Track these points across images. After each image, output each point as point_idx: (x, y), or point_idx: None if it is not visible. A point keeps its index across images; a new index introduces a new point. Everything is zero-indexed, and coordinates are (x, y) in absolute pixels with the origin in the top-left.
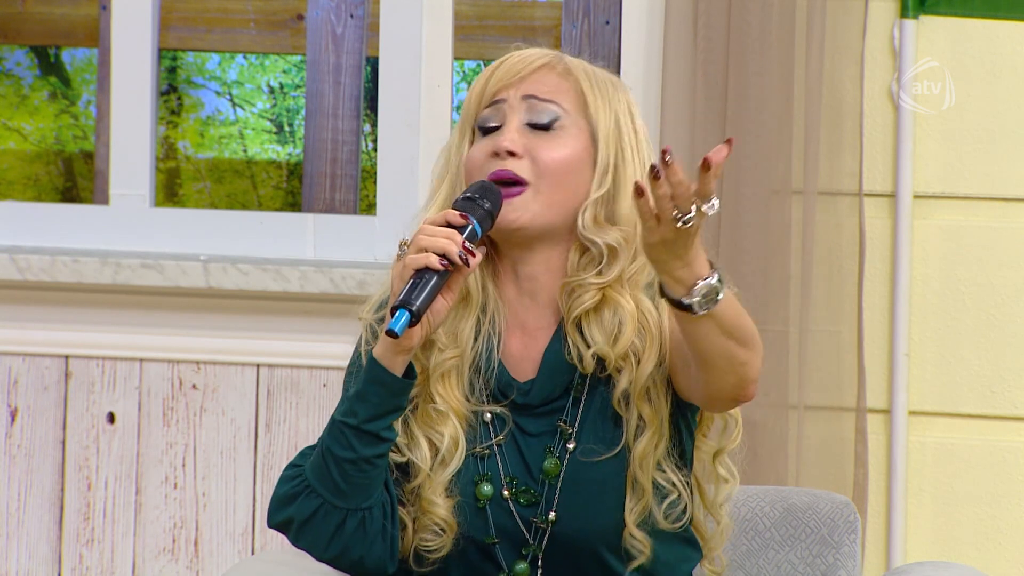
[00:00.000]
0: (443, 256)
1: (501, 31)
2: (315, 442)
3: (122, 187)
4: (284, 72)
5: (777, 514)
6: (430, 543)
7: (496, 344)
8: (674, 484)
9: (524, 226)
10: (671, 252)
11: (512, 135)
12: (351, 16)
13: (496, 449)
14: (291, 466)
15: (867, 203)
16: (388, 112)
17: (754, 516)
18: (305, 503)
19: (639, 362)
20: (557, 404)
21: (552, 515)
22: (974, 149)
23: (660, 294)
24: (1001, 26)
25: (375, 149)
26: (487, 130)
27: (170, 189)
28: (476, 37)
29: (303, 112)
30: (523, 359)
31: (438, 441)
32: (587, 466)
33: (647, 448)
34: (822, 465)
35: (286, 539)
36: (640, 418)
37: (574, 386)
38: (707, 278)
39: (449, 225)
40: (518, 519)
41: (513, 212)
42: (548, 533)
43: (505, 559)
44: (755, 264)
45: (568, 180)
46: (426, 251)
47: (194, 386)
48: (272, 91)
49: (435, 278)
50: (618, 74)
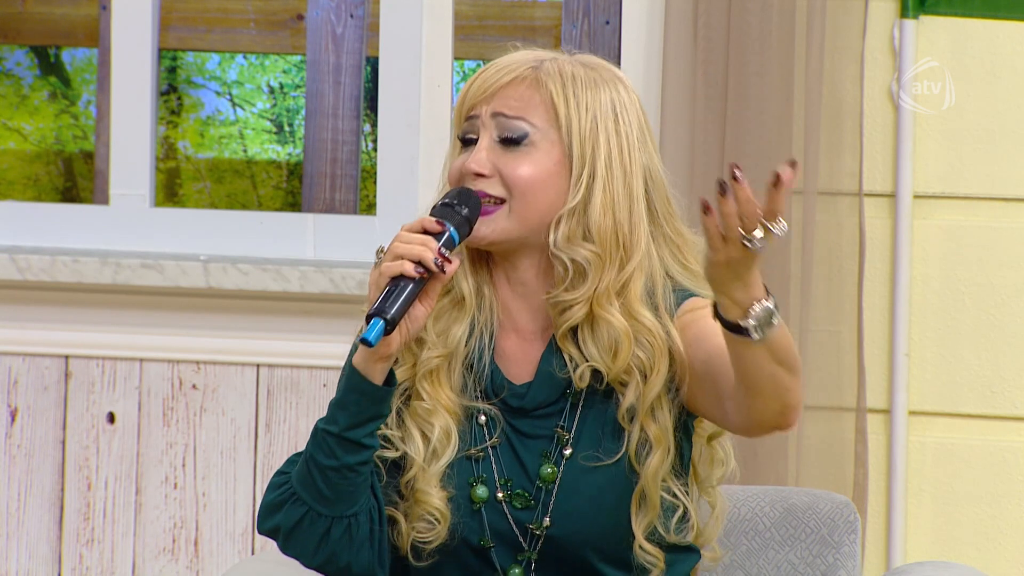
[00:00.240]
0: (418, 263)
1: (501, 31)
2: (303, 449)
3: (122, 187)
4: (284, 72)
5: (777, 514)
6: (424, 534)
7: (488, 342)
8: (676, 496)
9: (494, 242)
10: (733, 273)
11: (480, 155)
12: (351, 16)
13: (490, 451)
14: (279, 473)
15: (867, 203)
16: (388, 112)
17: (754, 516)
18: (291, 511)
19: (646, 378)
20: (554, 408)
21: (547, 521)
22: (974, 149)
23: (714, 315)
24: (1001, 26)
25: (375, 149)
26: (466, 142)
27: (170, 189)
28: (476, 37)
29: (303, 112)
30: (518, 360)
31: (430, 433)
32: (584, 474)
33: (657, 466)
34: (822, 465)
35: None
36: (643, 431)
37: (572, 392)
38: (764, 301)
39: (426, 232)
40: (512, 523)
41: (484, 228)
42: (543, 539)
43: (500, 562)
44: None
45: (540, 196)
46: (401, 258)
47: (194, 386)
48: (272, 91)
49: (411, 285)
50: None
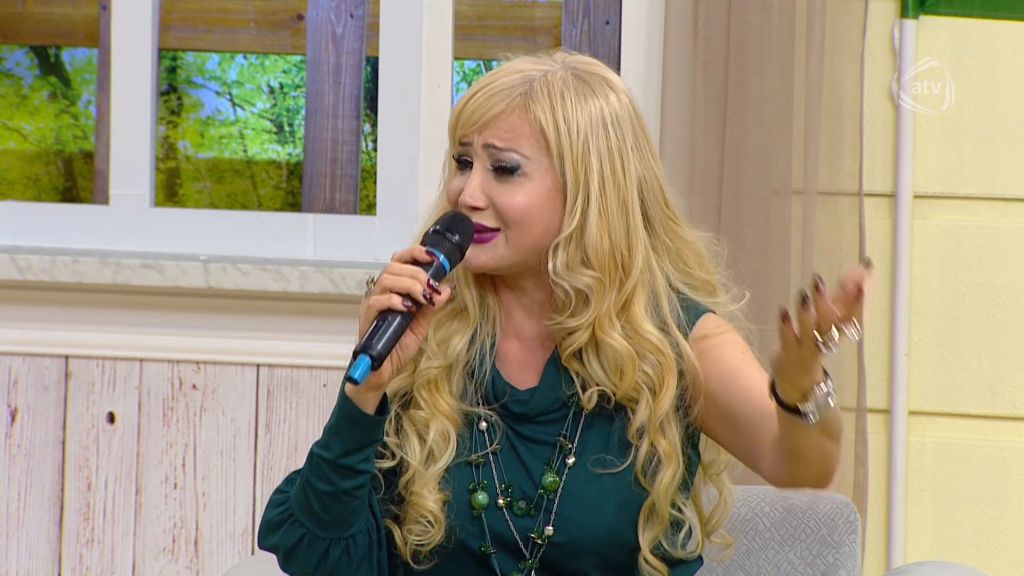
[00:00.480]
0: (407, 296)
1: (501, 31)
2: (302, 466)
3: (122, 187)
4: (284, 72)
5: (777, 514)
6: (419, 537)
7: (490, 349)
8: (682, 511)
9: (492, 269)
10: (800, 368)
11: (474, 187)
12: (351, 16)
13: (491, 457)
14: (278, 491)
15: (867, 203)
16: (388, 112)
17: (754, 516)
18: (289, 532)
19: (655, 394)
20: (557, 415)
21: (549, 529)
22: (974, 149)
23: (770, 393)
24: (1001, 26)
25: (375, 149)
26: (462, 163)
27: (170, 189)
28: (476, 37)
29: (303, 112)
30: (520, 365)
31: (426, 436)
32: (587, 483)
33: (669, 483)
34: None
35: None
36: (652, 447)
37: (575, 401)
38: (823, 386)
39: (415, 262)
40: (513, 529)
41: (481, 256)
42: (545, 547)
43: (501, 569)
44: (755, 264)
45: (535, 225)
46: (390, 291)
47: (194, 386)
48: (272, 91)
49: (398, 319)
50: (618, 73)
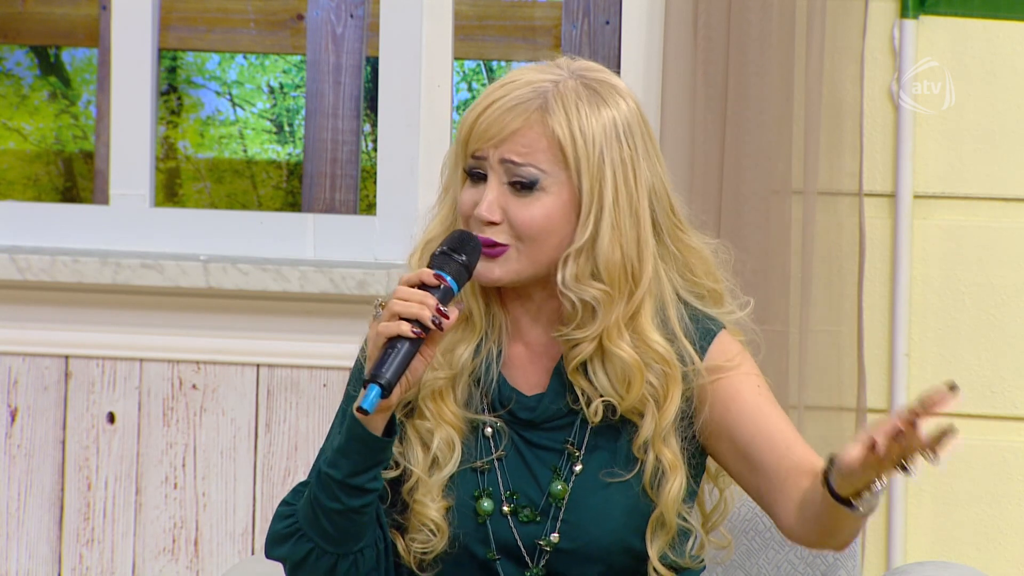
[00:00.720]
0: (416, 322)
1: (501, 31)
2: (310, 473)
3: (122, 187)
4: (284, 72)
5: None
6: (423, 545)
7: (496, 356)
8: (687, 519)
9: (505, 283)
10: (867, 477)
11: (490, 201)
12: (351, 16)
13: (496, 463)
14: (285, 503)
15: (867, 203)
16: (388, 112)
17: (754, 516)
18: (297, 546)
19: (659, 405)
20: (564, 421)
21: (555, 536)
22: (974, 149)
23: (822, 480)
24: (1001, 26)
25: (375, 149)
26: (474, 176)
27: (170, 189)
28: (476, 37)
29: (303, 112)
30: (526, 371)
31: (430, 443)
32: (594, 491)
33: (677, 493)
34: None
35: None
36: (658, 459)
37: (582, 407)
38: (877, 483)
39: (423, 286)
40: (517, 537)
41: (494, 270)
42: (550, 554)
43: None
44: (755, 264)
45: (549, 238)
46: (399, 317)
47: (194, 386)
48: (272, 91)
49: (407, 345)
50: (618, 73)
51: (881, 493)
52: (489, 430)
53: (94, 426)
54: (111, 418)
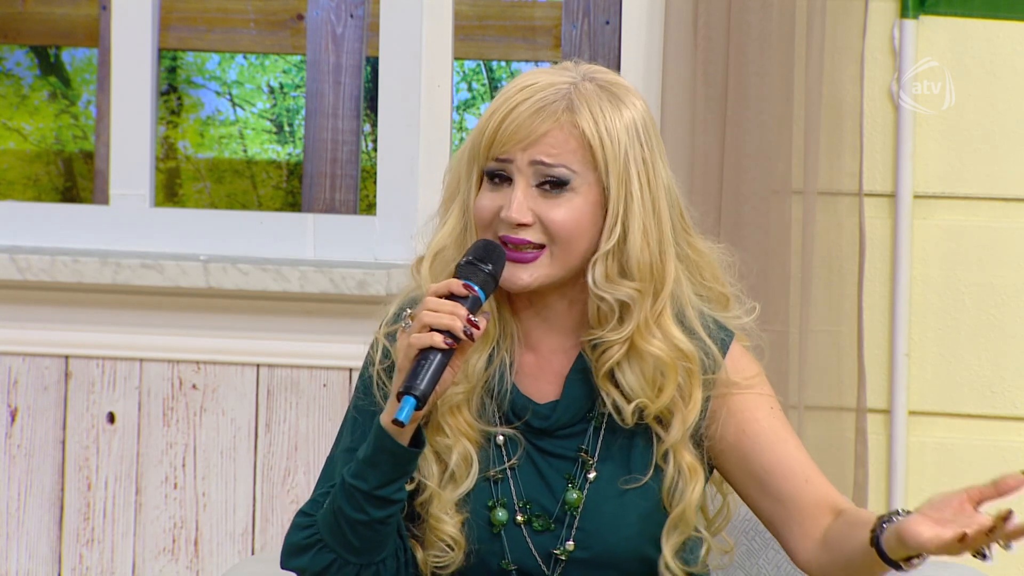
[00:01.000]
0: (447, 333)
1: (501, 31)
2: (320, 480)
3: (122, 187)
4: (284, 72)
5: None
6: (440, 559)
7: (509, 365)
8: (698, 528)
9: (535, 289)
10: (935, 553)
11: (520, 203)
12: (351, 16)
13: (509, 472)
14: (303, 514)
15: (867, 203)
16: (388, 112)
17: (753, 516)
18: (319, 556)
19: (686, 405)
20: (577, 428)
21: (571, 544)
22: (974, 149)
23: (872, 541)
24: (1001, 26)
25: (375, 149)
26: (495, 178)
27: (170, 189)
28: (476, 37)
29: (303, 112)
30: (538, 380)
31: (447, 459)
32: (609, 499)
33: (699, 495)
34: (822, 465)
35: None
36: (678, 465)
37: (595, 415)
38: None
39: (452, 295)
40: (532, 546)
41: (526, 277)
42: (566, 563)
43: None
44: (755, 264)
45: (579, 240)
46: (430, 328)
47: (194, 386)
48: (272, 91)
49: (439, 357)
50: (618, 73)
51: (926, 558)
52: (501, 438)
53: (94, 426)
54: (111, 418)
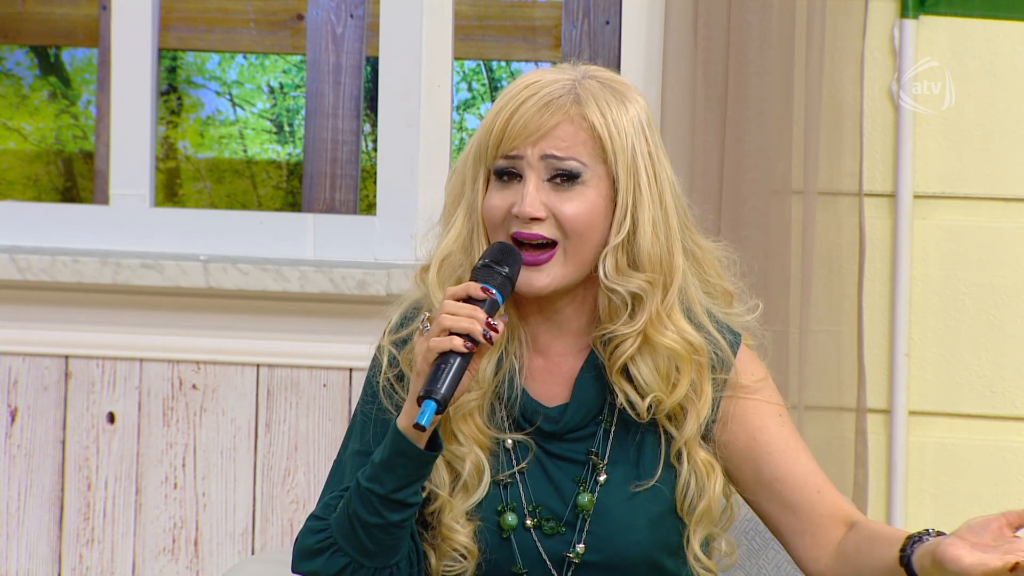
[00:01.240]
0: (467, 337)
1: (501, 31)
2: (328, 485)
3: (122, 187)
4: (284, 72)
5: None
6: (452, 568)
7: (518, 370)
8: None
9: (553, 290)
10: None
11: (532, 198)
12: (351, 16)
13: (518, 476)
14: (314, 517)
15: (867, 203)
16: (388, 112)
17: (754, 517)
18: (333, 560)
19: (698, 398)
20: (586, 432)
21: (581, 547)
22: (974, 149)
23: (900, 560)
24: (1001, 26)
25: (375, 149)
26: (504, 176)
27: (170, 189)
28: (476, 37)
29: (303, 112)
30: (546, 383)
31: (459, 468)
32: (620, 501)
33: (721, 488)
34: (822, 465)
35: (286, 539)
36: (692, 459)
37: (604, 417)
38: None
39: (471, 298)
40: (542, 550)
41: (543, 279)
42: (578, 566)
43: None
44: (755, 264)
45: (592, 233)
46: (449, 331)
47: (194, 386)
48: (272, 91)
49: (459, 360)
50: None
51: None
52: (510, 442)
53: (94, 426)
54: (111, 418)
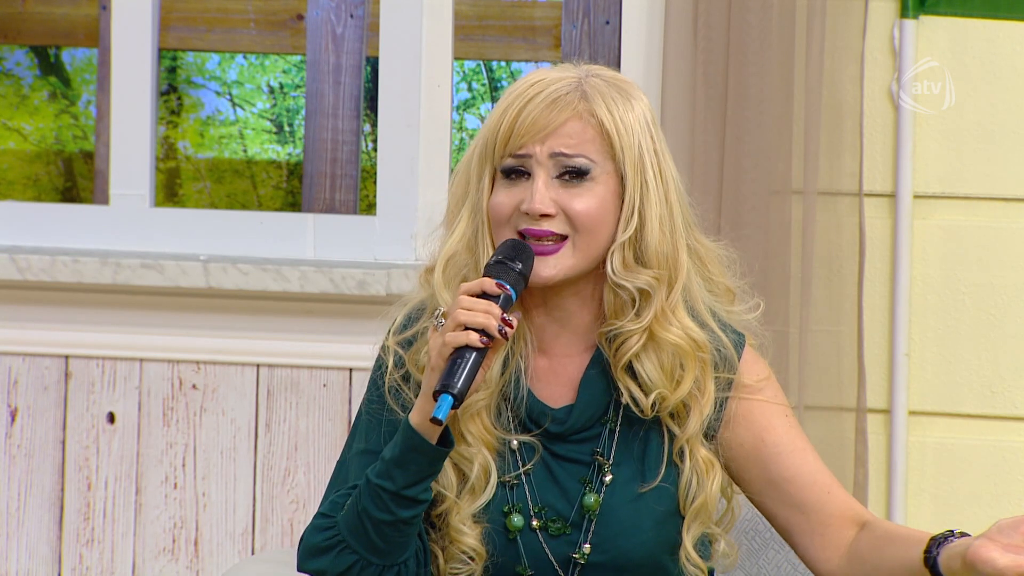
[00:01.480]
0: (483, 332)
1: (501, 31)
2: (332, 484)
3: (122, 187)
4: (284, 72)
5: None
6: (460, 570)
7: (524, 370)
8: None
9: (560, 281)
10: None
11: (542, 195)
12: (351, 16)
13: (524, 478)
14: (321, 515)
15: (867, 203)
16: (388, 112)
17: (754, 516)
18: (340, 558)
19: (702, 395)
20: (591, 433)
21: (587, 548)
22: (974, 149)
23: (924, 561)
24: (1001, 26)
25: (375, 149)
26: (511, 174)
27: (170, 189)
28: (476, 37)
29: (303, 112)
30: (551, 384)
31: (467, 470)
32: (625, 502)
33: (719, 487)
34: None
35: (286, 539)
36: (694, 457)
37: (609, 418)
38: None
39: (485, 295)
40: (548, 551)
41: (549, 269)
42: (584, 567)
43: None
44: (755, 264)
45: (600, 228)
46: (465, 326)
47: (194, 386)
48: (272, 91)
49: (474, 355)
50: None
51: None
52: (515, 443)
53: (94, 426)
54: (111, 418)
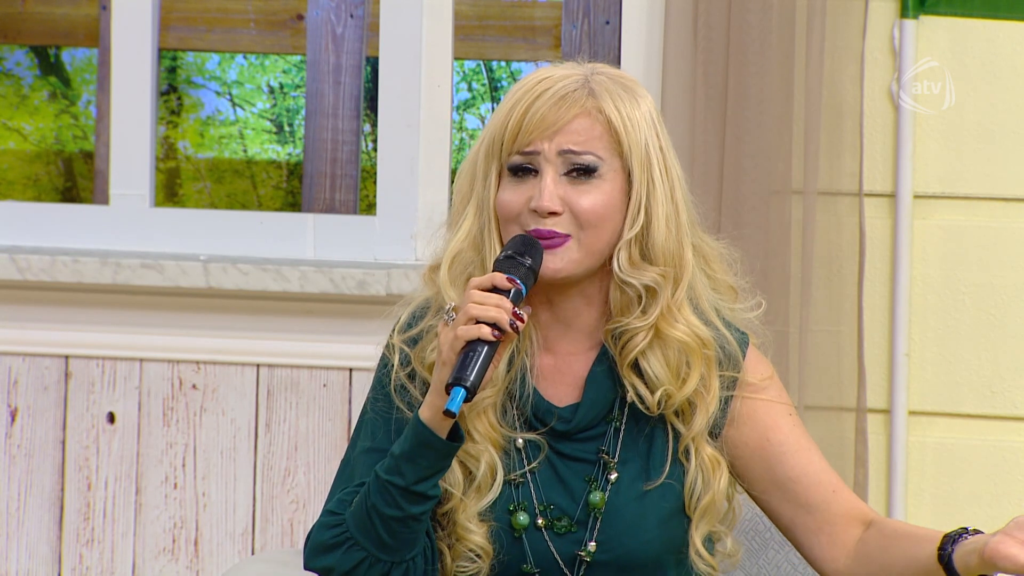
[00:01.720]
0: (494, 326)
1: (501, 31)
2: (337, 483)
3: (122, 187)
4: (284, 72)
5: None
6: (466, 569)
7: (529, 368)
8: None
9: (567, 276)
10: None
11: (551, 192)
12: (351, 16)
13: (529, 476)
14: (329, 513)
15: (867, 203)
16: (388, 112)
17: (754, 516)
18: (348, 555)
19: (707, 392)
20: (596, 431)
21: (592, 546)
22: (974, 149)
23: (939, 559)
24: (1001, 26)
25: (375, 149)
26: (519, 172)
27: (170, 189)
28: (476, 37)
29: (303, 112)
30: (556, 382)
31: (473, 468)
32: (630, 500)
33: (726, 485)
34: None
35: (286, 539)
36: (699, 454)
37: (614, 416)
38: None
39: (496, 289)
40: (553, 549)
41: (556, 263)
42: (589, 564)
43: None
44: (755, 264)
45: (607, 226)
46: (477, 320)
47: (194, 386)
48: (272, 91)
49: (486, 349)
50: None
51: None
52: (521, 441)
53: (94, 426)
54: (111, 418)
